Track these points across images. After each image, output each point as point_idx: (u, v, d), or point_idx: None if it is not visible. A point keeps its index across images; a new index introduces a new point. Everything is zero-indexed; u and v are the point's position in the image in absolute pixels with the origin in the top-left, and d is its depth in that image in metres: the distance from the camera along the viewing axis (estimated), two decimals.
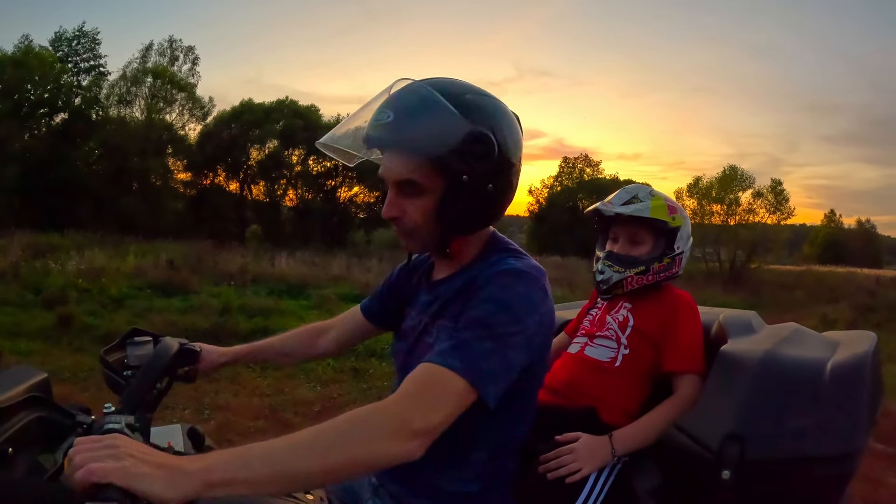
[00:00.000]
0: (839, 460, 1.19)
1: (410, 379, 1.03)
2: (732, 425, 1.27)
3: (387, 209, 1.19)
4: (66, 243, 15.25)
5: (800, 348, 1.46)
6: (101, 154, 26.70)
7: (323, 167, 30.37)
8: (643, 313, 1.72)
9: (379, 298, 1.57)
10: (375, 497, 1.37)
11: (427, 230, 1.19)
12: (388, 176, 1.18)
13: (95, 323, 7.31)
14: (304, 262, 14.93)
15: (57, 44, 27.67)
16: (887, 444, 5.01)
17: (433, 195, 1.16)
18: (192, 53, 30.37)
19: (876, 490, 4.02)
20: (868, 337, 1.45)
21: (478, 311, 1.11)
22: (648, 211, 1.71)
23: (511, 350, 1.09)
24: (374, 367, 6.45)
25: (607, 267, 1.76)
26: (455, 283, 1.27)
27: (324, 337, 1.66)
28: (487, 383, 1.05)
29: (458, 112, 1.12)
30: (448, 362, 1.03)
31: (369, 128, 1.15)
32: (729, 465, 1.23)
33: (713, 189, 27.23)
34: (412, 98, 1.14)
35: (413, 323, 1.36)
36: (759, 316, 1.81)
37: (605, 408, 1.63)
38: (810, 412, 1.23)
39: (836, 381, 1.26)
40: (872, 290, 18.23)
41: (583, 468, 1.45)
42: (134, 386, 1.32)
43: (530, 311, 1.13)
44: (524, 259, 1.23)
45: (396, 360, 1.41)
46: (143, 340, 1.48)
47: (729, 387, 1.40)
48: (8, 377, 1.22)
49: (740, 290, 17.48)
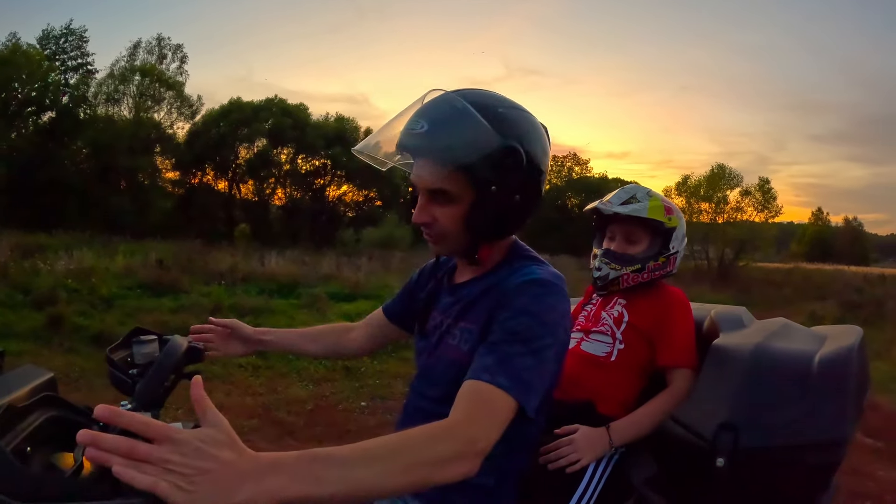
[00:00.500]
0: (828, 447, 1.24)
1: (466, 400, 1.07)
2: (726, 415, 1.32)
3: (418, 215, 1.24)
4: (55, 243, 15.16)
5: (789, 342, 1.51)
6: (88, 153, 26.63)
7: (311, 166, 30.38)
8: (637, 309, 1.77)
9: (400, 300, 1.62)
10: None
11: (456, 236, 1.24)
12: (419, 183, 1.23)
13: (86, 323, 7.26)
14: (293, 261, 14.88)
15: (44, 42, 27.58)
16: (876, 438, 5.09)
17: (463, 203, 1.20)
18: (180, 51, 30.36)
19: (864, 483, 4.08)
20: (854, 331, 1.51)
21: (514, 324, 1.15)
22: (646, 211, 1.76)
23: (548, 363, 1.15)
24: (366, 366, 6.47)
25: (604, 264, 1.81)
26: (478, 287, 1.32)
27: (349, 335, 1.71)
28: (530, 396, 1.10)
29: (489, 125, 1.16)
30: (497, 381, 1.08)
31: (403, 136, 1.19)
32: (723, 454, 1.27)
33: (701, 187, 27.32)
34: (446, 109, 1.18)
35: (435, 323, 1.40)
36: (748, 311, 1.86)
37: (602, 401, 1.67)
38: (800, 402, 1.28)
39: (823, 373, 1.31)
40: (860, 288, 18.37)
41: (582, 459, 1.50)
42: (147, 383, 1.36)
43: (560, 322, 1.20)
44: (546, 267, 1.28)
45: (419, 358, 1.45)
46: (149, 339, 1.50)
47: (722, 379, 1.45)
48: (16, 377, 1.24)
49: (729, 288, 17.60)
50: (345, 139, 30.50)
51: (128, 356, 1.50)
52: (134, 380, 1.43)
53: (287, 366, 6.28)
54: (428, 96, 1.22)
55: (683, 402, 1.55)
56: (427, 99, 1.22)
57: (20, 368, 1.31)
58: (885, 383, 6.98)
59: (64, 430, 1.19)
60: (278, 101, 30.58)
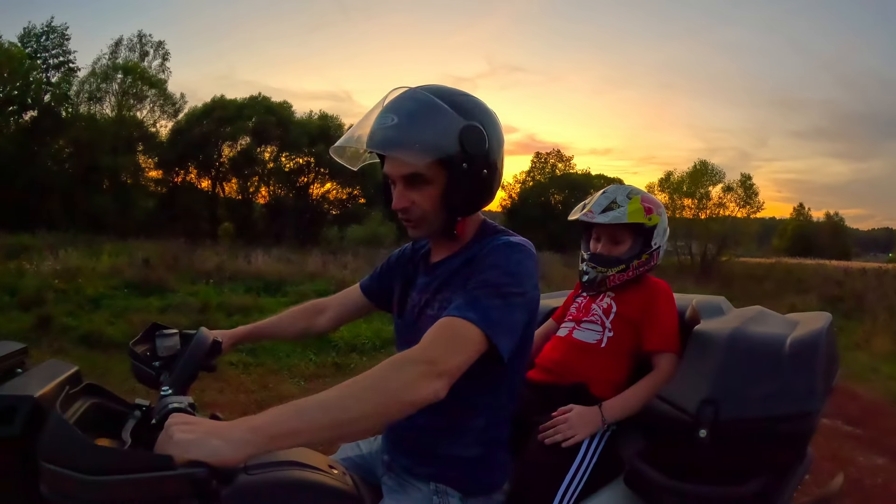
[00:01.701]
0: (799, 419, 1.36)
1: (431, 331, 1.18)
2: (707, 391, 1.44)
3: (397, 201, 1.35)
4: (38, 243, 15.03)
5: (764, 326, 1.64)
6: (71, 152, 26.36)
7: (295, 164, 30.23)
8: (625, 301, 1.89)
9: (378, 278, 1.73)
10: (389, 472, 1.51)
11: (434, 215, 1.36)
12: (395, 172, 1.34)
13: (74, 324, 7.27)
14: (279, 260, 14.87)
15: (26, 40, 27.19)
16: (855, 426, 5.23)
17: (438, 184, 1.33)
18: (162, 48, 30.11)
19: (845, 468, 4.20)
20: (823, 317, 1.64)
21: (485, 276, 1.27)
22: (626, 216, 1.87)
23: (516, 309, 1.25)
24: (356, 362, 6.55)
25: (591, 269, 1.93)
26: (454, 263, 1.43)
27: (323, 315, 1.80)
28: (499, 335, 1.20)
29: (452, 111, 1.29)
30: (464, 314, 1.19)
31: (376, 132, 1.29)
32: (705, 425, 1.39)
33: (684, 183, 27.45)
34: (412, 103, 1.30)
35: (413, 303, 1.50)
36: (727, 300, 1.98)
37: (594, 383, 1.78)
38: (773, 379, 1.40)
39: (794, 353, 1.44)
40: (840, 281, 18.60)
41: (577, 434, 1.61)
42: (180, 371, 1.46)
43: (528, 277, 1.31)
44: (516, 236, 1.40)
45: (399, 336, 1.56)
46: (171, 332, 1.59)
47: (703, 360, 1.56)
48: (42, 371, 1.29)
49: (711, 283, 17.75)
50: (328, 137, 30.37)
51: (146, 350, 1.59)
52: (158, 372, 1.53)
53: (277, 363, 6.34)
54: (391, 95, 1.34)
55: (667, 383, 1.66)
56: (390, 98, 1.33)
57: (45, 363, 1.35)
58: (864, 374, 7.14)
59: (105, 417, 1.26)
60: (262, 99, 30.40)
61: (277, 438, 0.95)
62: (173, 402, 1.19)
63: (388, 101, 1.32)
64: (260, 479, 1.26)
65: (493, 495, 1.46)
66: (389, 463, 1.52)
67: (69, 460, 0.90)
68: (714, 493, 1.42)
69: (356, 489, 1.45)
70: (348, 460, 1.62)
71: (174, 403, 1.19)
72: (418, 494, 1.42)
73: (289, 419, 0.97)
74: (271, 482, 1.28)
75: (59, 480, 0.90)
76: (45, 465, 0.91)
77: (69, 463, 0.90)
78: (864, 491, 3.96)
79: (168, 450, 0.91)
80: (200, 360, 1.51)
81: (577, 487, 1.57)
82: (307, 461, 1.38)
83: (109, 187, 26.80)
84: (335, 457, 1.64)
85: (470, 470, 1.42)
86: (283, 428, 0.96)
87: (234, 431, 0.94)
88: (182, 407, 1.18)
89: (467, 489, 1.42)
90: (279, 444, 0.96)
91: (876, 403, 6.06)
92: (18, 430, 1.11)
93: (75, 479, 0.89)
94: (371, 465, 1.60)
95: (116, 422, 1.24)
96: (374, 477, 1.57)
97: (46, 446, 0.93)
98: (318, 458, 1.45)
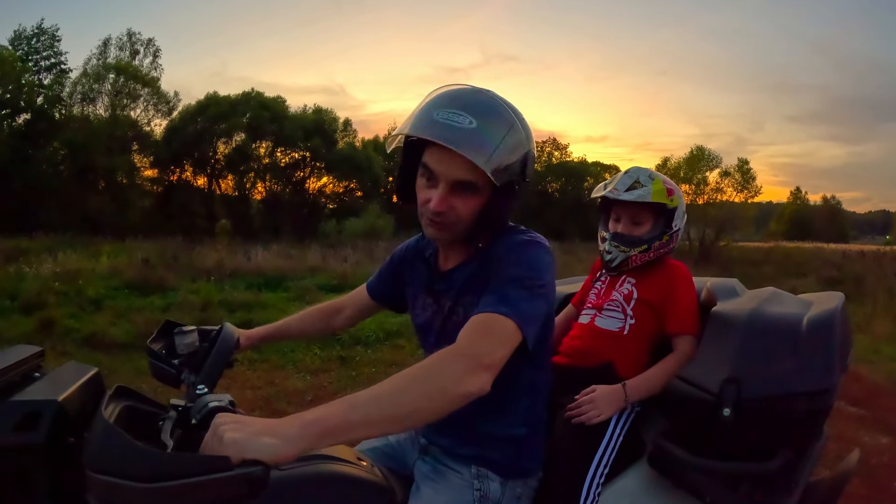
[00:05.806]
0: (817, 396, 1.39)
1: (468, 327, 1.19)
2: (729, 371, 1.46)
3: (438, 203, 1.29)
4: (36, 246, 15.04)
5: (780, 307, 1.66)
6: (65, 154, 26.30)
7: (291, 159, 30.22)
8: (646, 285, 1.90)
9: (383, 279, 1.72)
10: (425, 455, 1.51)
11: (466, 225, 1.33)
12: (450, 174, 1.27)
13: (77, 325, 7.21)
14: (279, 255, 14.87)
15: (16, 42, 27.19)
16: (859, 406, 5.26)
17: (483, 197, 1.31)
18: (152, 46, 30.00)
19: (850, 448, 4.22)
20: (837, 296, 1.66)
21: (509, 272, 1.27)
22: (650, 195, 1.88)
23: (540, 299, 1.26)
24: (361, 355, 6.55)
25: (614, 248, 1.93)
26: (471, 267, 1.42)
27: (340, 314, 1.81)
28: (528, 324, 1.21)
29: (524, 132, 1.30)
30: (498, 309, 1.20)
31: (444, 128, 1.22)
32: (728, 404, 1.41)
33: (681, 169, 27.37)
34: (492, 113, 1.27)
35: (433, 310, 1.50)
36: (740, 282, 2.01)
37: (618, 366, 1.82)
38: (792, 357, 1.43)
39: (811, 332, 1.46)
40: (838, 264, 18.67)
41: (602, 413, 1.65)
42: (210, 366, 1.43)
43: (547, 270, 1.32)
44: (530, 232, 1.40)
45: (425, 341, 1.55)
46: (189, 329, 1.55)
47: (723, 340, 1.59)
48: (62, 374, 1.27)
49: (711, 268, 17.77)
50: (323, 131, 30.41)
51: (163, 348, 1.56)
52: (178, 370, 1.48)
53: (283, 358, 6.33)
54: (441, 90, 1.30)
55: (687, 364, 1.68)
56: (437, 92, 1.30)
57: (65, 366, 1.33)
58: (867, 355, 7.16)
59: (137, 419, 1.21)
60: (256, 95, 30.40)
61: (331, 433, 0.94)
62: (213, 401, 1.15)
63: (463, 99, 1.26)
64: (290, 475, 1.23)
65: (529, 480, 1.48)
66: (426, 446, 1.52)
67: (122, 469, 0.88)
68: (738, 469, 1.45)
69: (386, 480, 1.43)
70: (375, 450, 1.59)
71: (214, 402, 1.15)
72: (457, 479, 1.43)
73: (341, 414, 0.96)
74: (303, 477, 1.26)
75: (114, 491, 0.88)
76: (96, 476, 0.89)
77: (123, 472, 0.87)
78: (870, 469, 3.99)
79: (221, 450, 0.89)
80: (229, 356, 1.50)
81: (605, 470, 1.60)
82: (336, 454, 1.36)
83: (105, 188, 26.74)
84: (359, 447, 1.61)
85: (513, 451, 1.44)
86: (337, 423, 0.95)
87: (287, 428, 0.92)
88: (224, 405, 1.15)
89: (508, 472, 1.43)
90: (333, 439, 0.95)
91: (878, 385, 6.08)
92: (43, 436, 1.09)
93: (133, 488, 0.86)
94: (399, 454, 1.59)
95: (148, 424, 1.20)
96: (401, 466, 1.56)
97: (95, 455, 0.91)
98: (346, 450, 1.42)
